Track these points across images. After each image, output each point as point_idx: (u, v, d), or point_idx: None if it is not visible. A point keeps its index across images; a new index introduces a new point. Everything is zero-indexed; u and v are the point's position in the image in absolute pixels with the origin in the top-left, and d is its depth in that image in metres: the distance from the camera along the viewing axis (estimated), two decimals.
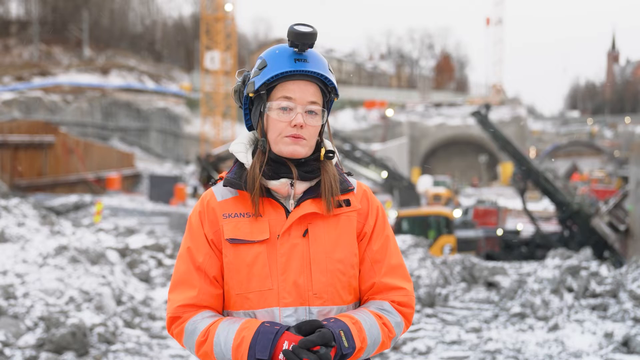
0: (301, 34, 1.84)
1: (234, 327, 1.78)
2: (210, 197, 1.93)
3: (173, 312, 1.88)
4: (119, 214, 22.58)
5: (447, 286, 10.15)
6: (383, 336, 1.86)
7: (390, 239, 1.97)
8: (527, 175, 24.06)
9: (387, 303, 1.92)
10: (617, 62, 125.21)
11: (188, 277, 1.88)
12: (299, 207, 1.87)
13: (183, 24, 74.13)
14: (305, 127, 1.86)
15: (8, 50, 55.96)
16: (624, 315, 7.70)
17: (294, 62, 1.86)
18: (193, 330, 1.83)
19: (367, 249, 1.93)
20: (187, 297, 1.87)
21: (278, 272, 1.83)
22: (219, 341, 1.78)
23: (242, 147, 1.95)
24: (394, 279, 1.93)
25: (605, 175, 44.08)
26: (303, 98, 1.86)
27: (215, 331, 1.80)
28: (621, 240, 19.94)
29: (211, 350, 1.79)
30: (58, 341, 6.14)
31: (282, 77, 1.86)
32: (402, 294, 1.93)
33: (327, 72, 1.89)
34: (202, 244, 1.89)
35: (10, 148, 27.86)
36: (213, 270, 1.88)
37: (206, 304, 1.88)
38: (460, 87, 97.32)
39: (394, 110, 63.54)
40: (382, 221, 1.98)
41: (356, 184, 1.99)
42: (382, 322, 1.88)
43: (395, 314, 1.91)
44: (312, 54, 1.89)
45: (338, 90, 1.94)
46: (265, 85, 1.88)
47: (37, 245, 8.60)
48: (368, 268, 1.93)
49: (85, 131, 45.25)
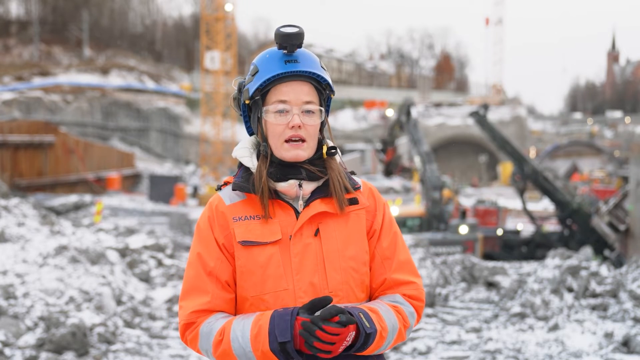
0: (287, 35, 1.84)
1: (249, 320, 1.78)
2: (219, 202, 1.93)
3: (186, 319, 1.86)
4: (119, 214, 22.58)
5: (447, 286, 10.15)
6: (399, 323, 1.87)
7: (398, 235, 1.99)
8: (527, 175, 24.08)
9: (398, 295, 1.94)
10: (617, 62, 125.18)
11: (200, 283, 1.87)
12: (309, 207, 1.87)
13: (183, 24, 74.12)
14: (303, 127, 1.86)
15: (8, 50, 55.95)
16: (624, 315, 7.70)
17: (285, 64, 1.86)
18: (209, 332, 1.81)
19: (377, 246, 1.95)
20: (200, 302, 1.85)
21: (293, 272, 1.84)
22: (236, 336, 1.76)
23: (246, 151, 1.95)
24: (404, 275, 1.95)
25: (605, 175, 44.08)
26: (298, 99, 1.86)
27: (230, 327, 1.79)
28: (621, 240, 19.95)
29: (229, 347, 1.77)
30: (58, 341, 6.14)
31: (275, 80, 1.87)
32: (412, 288, 1.95)
33: (319, 69, 1.89)
34: (213, 248, 1.88)
35: (10, 148, 27.86)
36: (225, 275, 1.87)
37: (220, 309, 1.86)
38: (460, 87, 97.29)
39: (394, 110, 63.51)
40: (390, 218, 1.99)
41: (361, 182, 2.00)
42: (396, 310, 1.89)
43: (408, 305, 1.93)
44: (302, 53, 1.89)
45: (333, 87, 1.94)
46: (259, 91, 1.89)
47: (37, 245, 8.60)
48: (379, 265, 1.94)
49: (85, 131, 45.24)
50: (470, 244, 19.08)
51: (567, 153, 48.69)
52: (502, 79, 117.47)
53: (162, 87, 54.74)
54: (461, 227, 19.55)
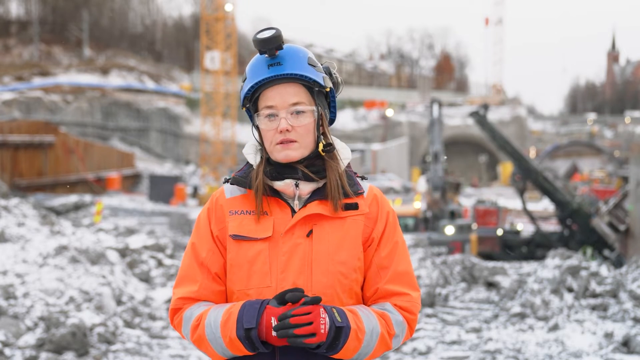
0: (262, 40, 1.84)
1: (223, 308, 1.82)
2: (220, 195, 1.97)
3: (174, 304, 1.92)
4: (119, 214, 22.60)
5: (447, 286, 10.15)
6: (381, 328, 1.83)
7: (399, 245, 1.94)
8: (527, 174, 24.08)
9: (388, 304, 1.90)
10: (617, 62, 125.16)
11: (191, 272, 1.91)
12: (305, 208, 1.87)
13: (183, 24, 74.10)
14: (293, 129, 1.86)
15: (8, 50, 55.94)
16: (624, 315, 7.70)
17: (268, 68, 1.86)
18: (190, 317, 1.86)
19: (375, 255, 1.92)
20: (188, 290, 1.90)
21: (278, 270, 1.84)
22: (209, 322, 1.80)
23: (253, 149, 1.97)
24: (397, 286, 1.91)
25: (605, 175, 44.06)
26: (284, 101, 1.86)
27: (207, 314, 1.82)
28: (621, 240, 19.95)
29: (203, 333, 1.81)
30: (58, 341, 6.14)
31: (261, 86, 1.87)
32: (405, 300, 1.90)
33: (303, 68, 1.87)
34: (207, 240, 1.92)
35: (10, 148, 27.86)
36: (215, 267, 1.90)
37: (206, 299, 1.90)
38: (460, 87, 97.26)
39: (394, 110, 63.51)
40: (392, 227, 1.95)
41: (367, 187, 1.97)
42: (380, 315, 1.86)
43: (396, 313, 1.89)
44: (286, 54, 1.88)
45: (323, 82, 1.90)
46: (248, 99, 1.91)
47: (37, 245, 8.60)
48: (374, 274, 1.91)
49: (85, 131, 45.23)
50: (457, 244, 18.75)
51: (567, 153, 48.65)
52: (502, 79, 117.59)
53: (162, 87, 54.73)
54: (447, 228, 19.31)
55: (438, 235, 19.03)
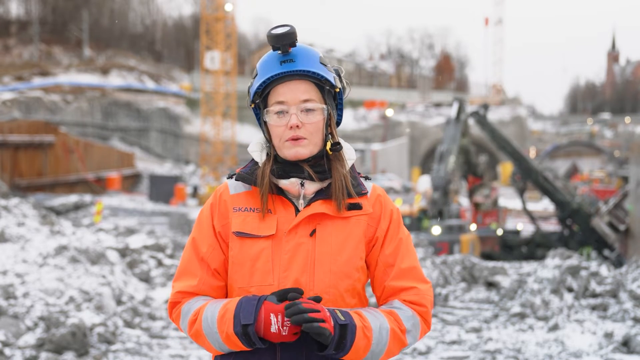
0: (277, 36, 1.85)
1: (220, 303, 1.82)
2: (224, 190, 1.96)
3: (172, 298, 1.92)
4: (119, 214, 22.61)
5: (447, 286, 10.15)
6: (390, 324, 1.82)
7: (403, 242, 1.94)
8: (527, 174, 24.10)
9: (396, 301, 1.90)
10: (617, 62, 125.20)
11: (190, 267, 1.92)
12: (309, 207, 1.87)
13: (183, 24, 74.15)
14: (303, 126, 1.86)
15: (8, 50, 55.98)
16: (624, 315, 7.70)
17: (280, 64, 1.87)
18: (187, 311, 1.87)
19: (381, 253, 1.92)
20: (187, 285, 1.90)
21: (281, 268, 1.84)
22: (207, 317, 1.81)
23: (259, 146, 1.96)
24: (404, 281, 1.90)
25: (605, 175, 44.08)
26: (295, 98, 1.86)
27: (204, 309, 1.83)
28: (621, 240, 19.96)
29: (200, 327, 1.82)
30: (58, 341, 6.14)
31: (273, 81, 1.88)
32: (412, 293, 1.90)
33: (316, 66, 1.88)
34: (208, 235, 1.92)
35: (10, 148, 27.88)
36: (215, 263, 1.91)
37: (205, 294, 1.90)
38: (460, 87, 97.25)
39: (394, 110, 63.51)
40: (396, 225, 1.95)
41: (371, 187, 1.97)
42: (386, 312, 1.86)
43: (405, 309, 1.88)
44: (299, 51, 1.89)
45: (334, 81, 1.91)
46: (258, 95, 1.91)
47: (37, 245, 8.60)
48: (381, 272, 1.92)
49: (85, 131, 45.26)
50: (444, 245, 18.60)
51: (567, 153, 48.71)
52: (502, 79, 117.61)
53: (162, 87, 54.76)
54: (434, 228, 19.21)
55: (425, 235, 18.89)
